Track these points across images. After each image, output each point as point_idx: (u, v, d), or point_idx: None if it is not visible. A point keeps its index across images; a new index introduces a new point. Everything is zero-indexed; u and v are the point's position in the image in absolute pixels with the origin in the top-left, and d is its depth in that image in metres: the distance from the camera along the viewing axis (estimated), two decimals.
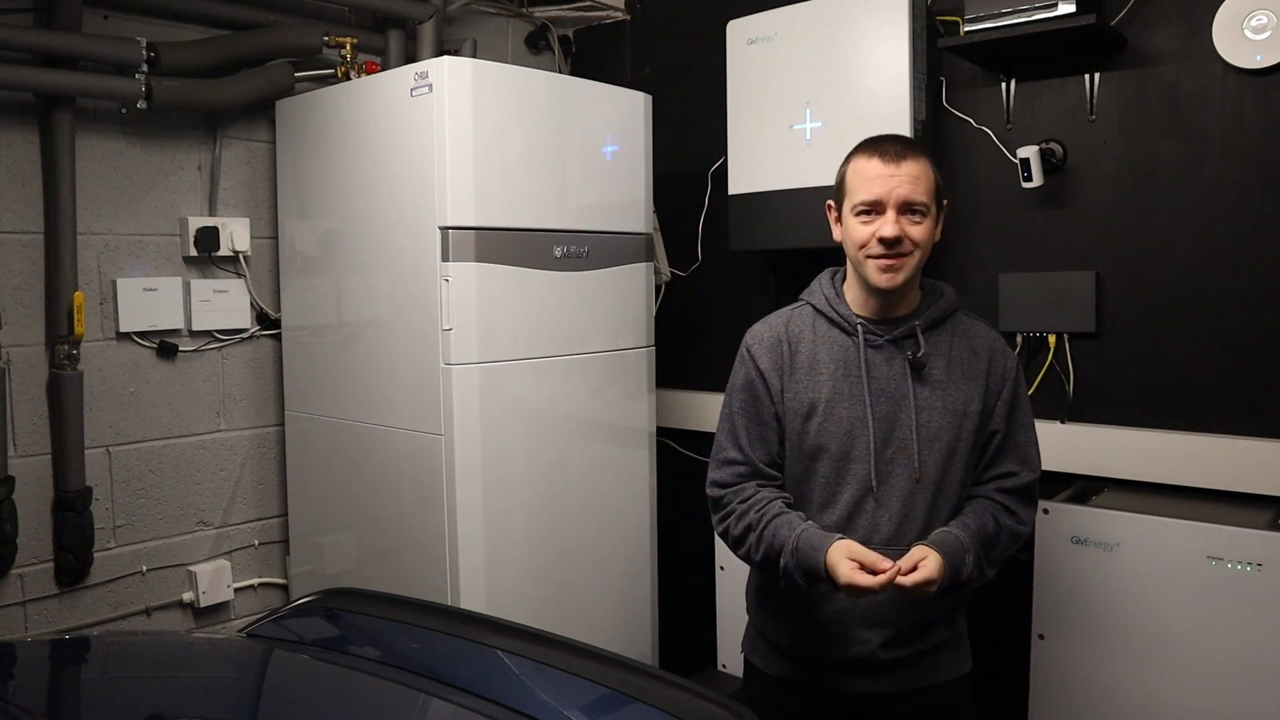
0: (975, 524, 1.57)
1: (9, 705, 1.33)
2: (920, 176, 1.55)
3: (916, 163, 1.55)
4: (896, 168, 1.54)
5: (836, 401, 1.59)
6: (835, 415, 1.59)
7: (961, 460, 1.60)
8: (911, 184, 1.54)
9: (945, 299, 1.65)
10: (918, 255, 1.56)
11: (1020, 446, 1.64)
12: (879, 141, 1.59)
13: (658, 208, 2.73)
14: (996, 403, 1.62)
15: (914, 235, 1.54)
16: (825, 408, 1.59)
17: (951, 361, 1.60)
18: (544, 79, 2.31)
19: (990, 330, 1.67)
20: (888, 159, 1.55)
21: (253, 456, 2.61)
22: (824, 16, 2.39)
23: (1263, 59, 2.00)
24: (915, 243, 1.55)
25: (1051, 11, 2.08)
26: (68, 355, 2.23)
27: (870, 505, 1.58)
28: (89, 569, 2.31)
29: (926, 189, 1.55)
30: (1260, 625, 1.86)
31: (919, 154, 1.57)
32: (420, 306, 2.14)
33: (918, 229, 1.55)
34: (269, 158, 2.58)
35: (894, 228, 1.53)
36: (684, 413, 2.93)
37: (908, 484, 1.57)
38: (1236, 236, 2.08)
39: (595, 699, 1.40)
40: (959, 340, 1.62)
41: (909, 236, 1.54)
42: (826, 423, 1.59)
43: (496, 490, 2.17)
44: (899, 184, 1.53)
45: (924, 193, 1.55)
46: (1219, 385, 2.12)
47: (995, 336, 1.66)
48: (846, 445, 1.59)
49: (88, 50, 2.19)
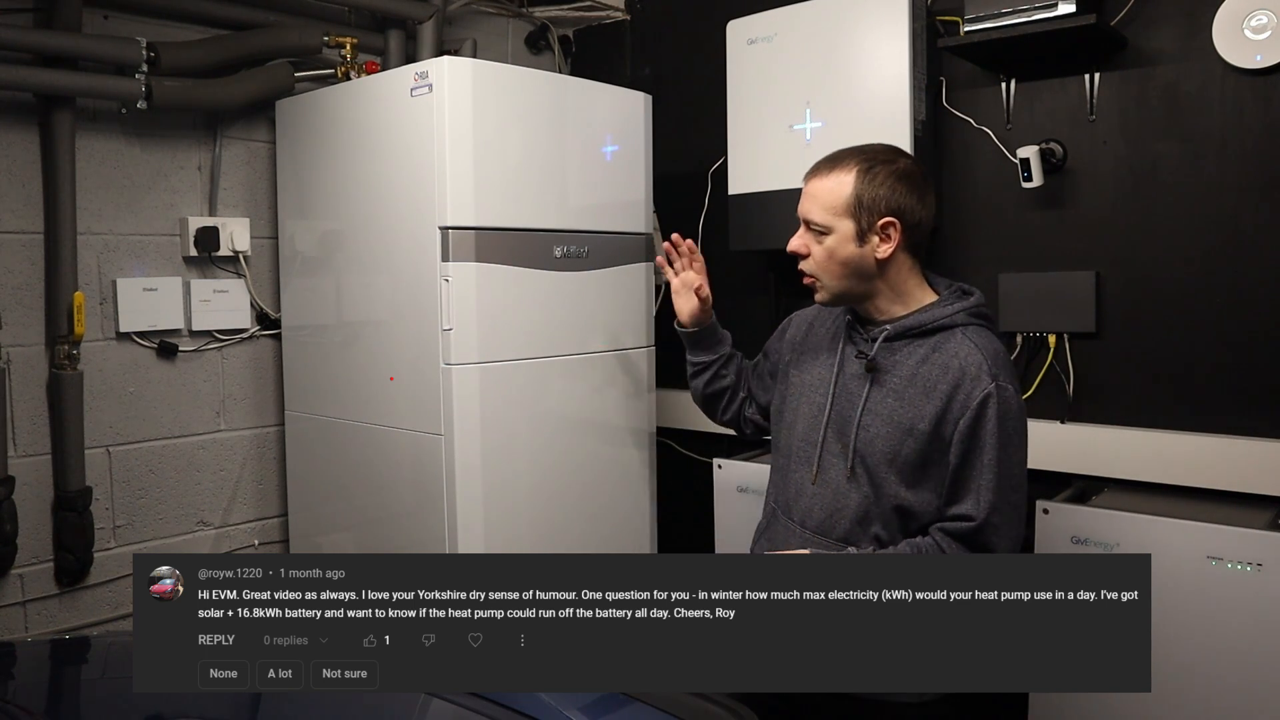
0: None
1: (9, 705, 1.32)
2: (821, 193, 1.57)
3: (827, 178, 1.57)
4: (807, 184, 1.60)
5: (816, 386, 1.67)
6: (812, 399, 1.66)
7: (902, 474, 1.54)
8: (810, 201, 1.59)
9: (944, 309, 1.57)
10: (825, 274, 1.58)
11: (978, 488, 1.50)
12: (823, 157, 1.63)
13: (658, 208, 2.73)
14: (953, 430, 1.50)
15: (815, 253, 1.58)
16: (807, 389, 1.68)
17: (916, 375, 1.54)
18: (544, 79, 2.31)
19: (977, 354, 1.52)
20: (809, 175, 1.61)
21: (253, 456, 2.61)
22: (824, 16, 2.39)
23: (1263, 59, 2.00)
24: (816, 260, 1.58)
25: (1051, 11, 2.08)
26: (68, 355, 2.23)
27: (809, 490, 1.64)
28: (89, 569, 2.31)
29: (826, 205, 1.56)
30: (1260, 625, 1.86)
31: (838, 168, 1.57)
32: (420, 306, 2.14)
33: (818, 247, 1.58)
34: (269, 158, 2.58)
35: (795, 241, 1.60)
36: (684, 413, 2.93)
37: (841, 479, 1.60)
38: (1236, 236, 2.08)
39: (595, 699, 1.40)
40: (937, 356, 1.54)
41: (811, 253, 1.58)
42: (800, 403, 1.68)
43: (496, 490, 2.17)
44: (803, 200, 1.60)
45: (819, 210, 1.57)
46: (1219, 385, 2.12)
47: (978, 362, 1.50)
48: (807, 428, 1.66)
49: (88, 50, 2.19)
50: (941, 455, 1.52)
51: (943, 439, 1.52)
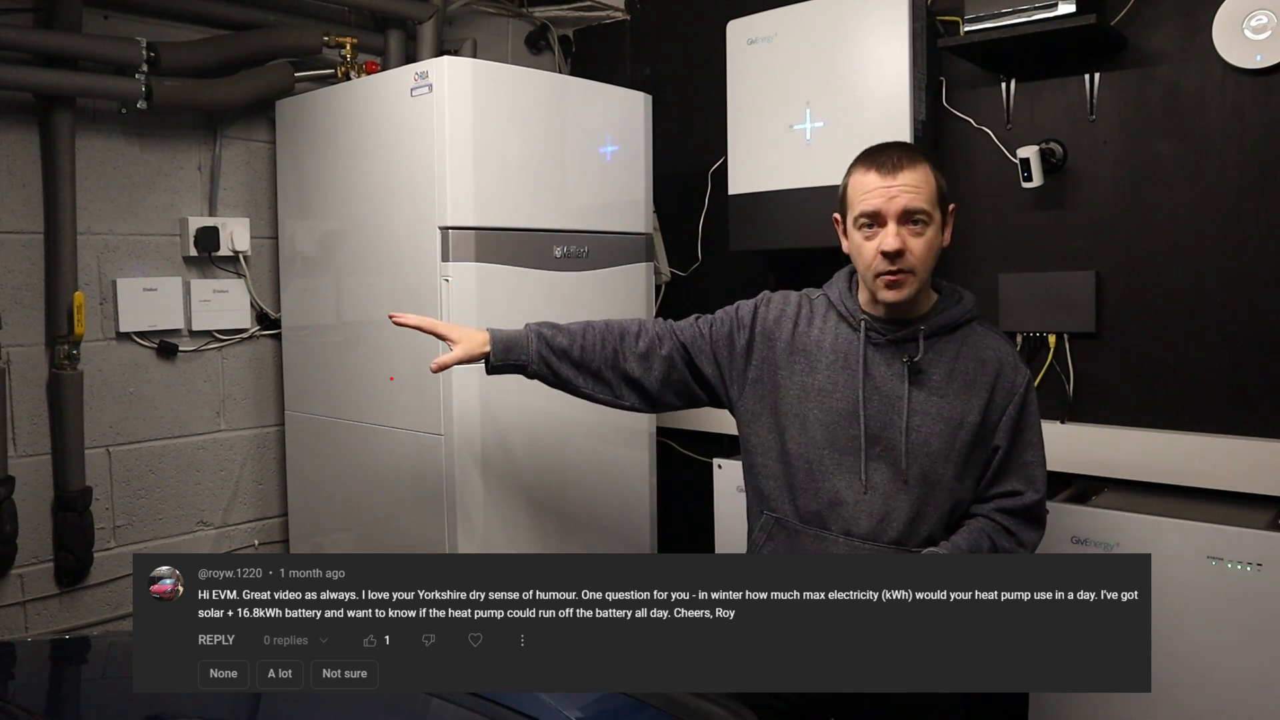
0: (966, 545, 1.56)
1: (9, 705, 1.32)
2: (920, 184, 1.53)
3: (915, 170, 1.53)
4: (894, 178, 1.52)
5: (830, 391, 1.60)
6: (828, 405, 1.60)
7: (953, 468, 1.57)
8: (911, 193, 1.52)
9: (960, 306, 1.62)
10: (923, 267, 1.55)
11: (1025, 466, 1.61)
12: (877, 152, 1.58)
13: (658, 208, 2.73)
14: (1000, 417, 1.59)
15: (915, 246, 1.53)
16: (819, 394, 1.61)
17: (954, 370, 1.58)
18: (544, 79, 2.31)
19: (1004, 343, 1.63)
20: (884, 170, 1.53)
21: (253, 456, 2.61)
22: (824, 16, 2.39)
23: (1263, 59, 2.00)
24: (918, 254, 1.53)
25: (1051, 11, 2.08)
26: (68, 355, 2.23)
27: (851, 499, 1.58)
28: (89, 569, 2.31)
29: (927, 196, 1.53)
30: (1260, 625, 1.86)
31: (917, 161, 1.54)
32: (420, 307, 2.13)
33: (920, 239, 1.53)
34: (269, 158, 2.58)
35: (895, 240, 1.51)
36: (684, 413, 2.93)
37: (892, 484, 1.57)
38: (1236, 236, 2.08)
39: (595, 699, 1.40)
40: (966, 350, 1.59)
41: (910, 249, 1.53)
42: (812, 409, 1.61)
43: (496, 490, 2.17)
44: (897, 194, 1.52)
45: (925, 200, 1.53)
46: (1219, 385, 2.12)
47: (1009, 351, 1.63)
48: (834, 435, 1.59)
49: (88, 50, 2.19)
50: (987, 442, 1.60)
51: (989, 427, 1.59)
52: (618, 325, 1.75)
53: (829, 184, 1.70)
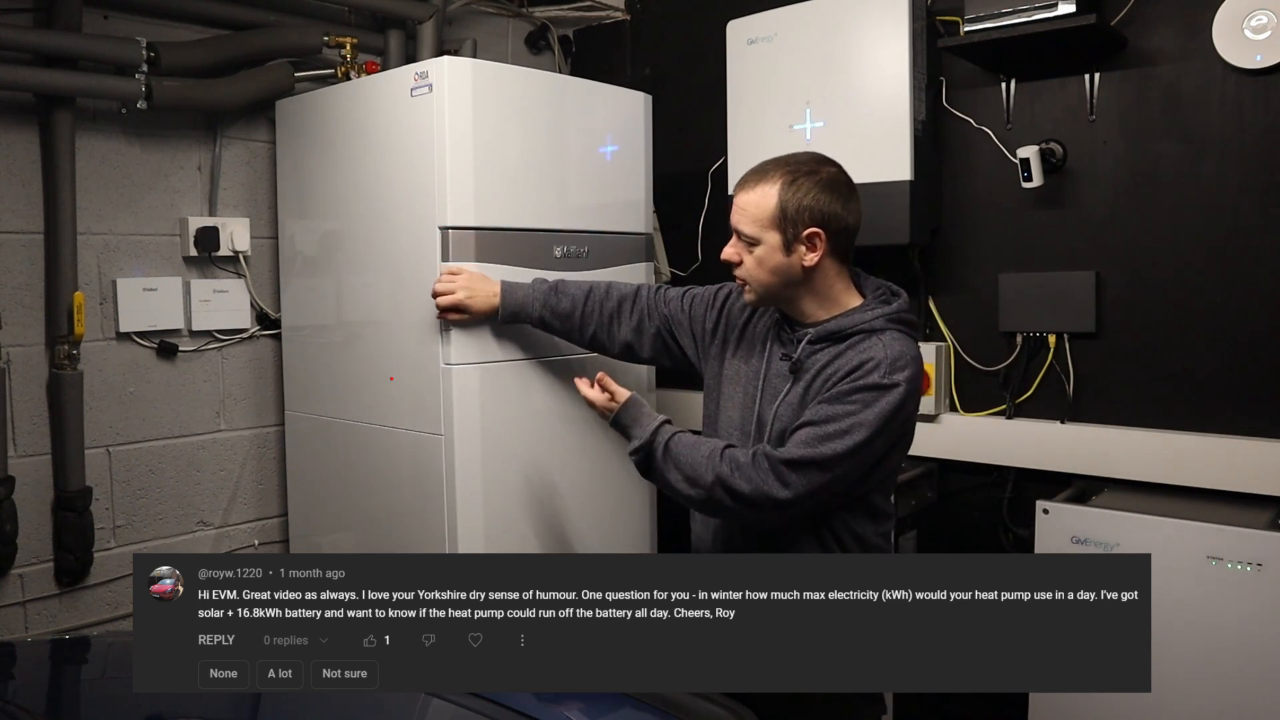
0: (686, 442, 1.64)
1: (9, 705, 1.32)
2: (748, 206, 1.63)
3: (753, 191, 1.62)
4: (737, 197, 1.65)
5: (751, 379, 1.73)
6: (746, 390, 1.73)
7: None
8: (739, 213, 1.63)
9: (864, 314, 1.61)
10: (756, 281, 1.64)
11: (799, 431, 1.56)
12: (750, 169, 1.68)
13: (658, 208, 2.73)
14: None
15: (747, 262, 1.63)
16: (741, 379, 1.74)
17: (823, 369, 1.60)
18: (544, 79, 2.31)
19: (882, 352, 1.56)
20: (736, 188, 1.66)
21: (253, 456, 2.61)
22: (824, 16, 2.39)
23: (1263, 59, 2.00)
24: (748, 268, 1.63)
25: (1051, 11, 2.08)
26: (68, 355, 2.23)
27: None
28: (89, 569, 2.31)
29: (753, 218, 1.61)
30: (1260, 625, 1.86)
31: (763, 182, 1.62)
32: (420, 306, 2.14)
33: (749, 256, 1.63)
34: (269, 158, 2.58)
35: (728, 250, 1.66)
36: (684, 413, 2.93)
37: None
38: (1236, 236, 2.08)
39: (595, 699, 1.40)
40: (851, 353, 1.58)
41: (744, 263, 1.64)
42: (734, 392, 1.75)
43: (496, 490, 2.17)
44: (734, 212, 1.65)
45: (749, 222, 1.62)
46: (1219, 385, 2.12)
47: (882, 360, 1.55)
48: (744, 418, 1.71)
49: (88, 50, 2.19)
50: None
51: None
52: (616, 293, 1.99)
53: None
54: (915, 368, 1.59)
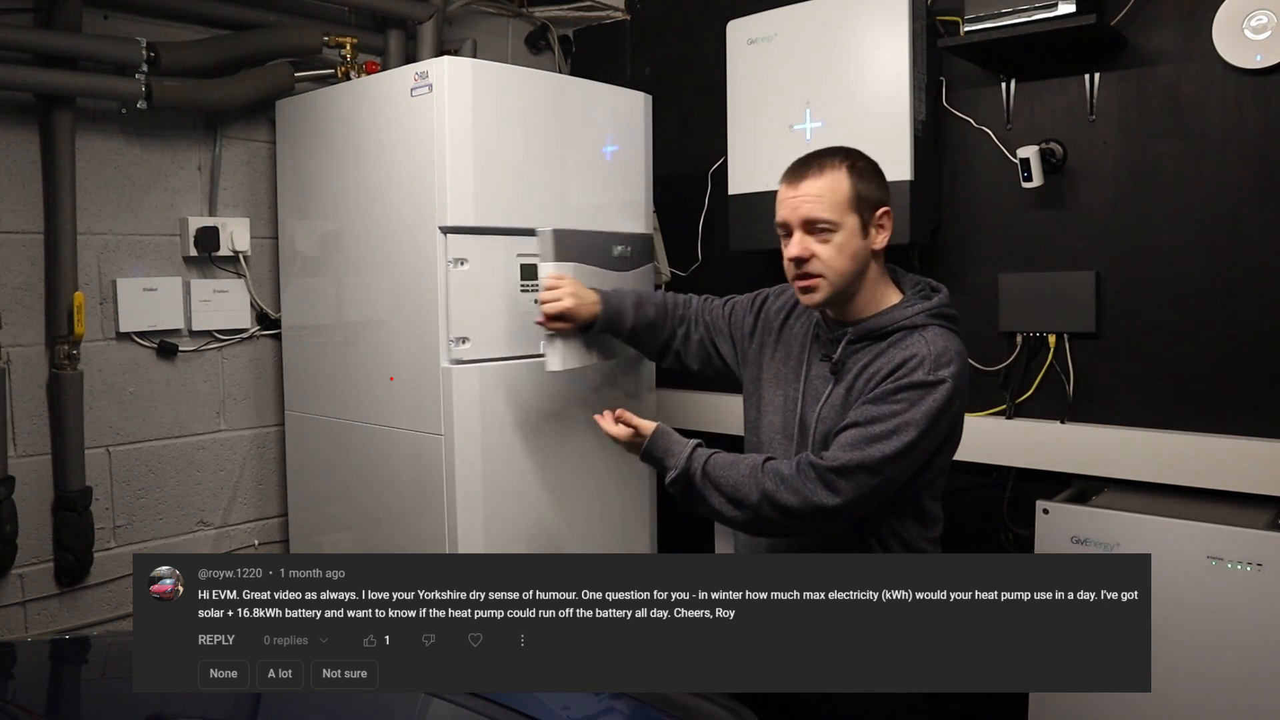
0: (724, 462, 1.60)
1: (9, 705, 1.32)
2: (821, 193, 1.58)
3: (819, 179, 1.58)
4: (796, 190, 1.60)
5: (790, 380, 1.71)
6: (786, 392, 1.71)
7: None
8: (812, 202, 1.58)
9: (904, 310, 1.60)
10: (832, 272, 1.59)
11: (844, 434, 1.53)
12: (794, 163, 1.65)
13: (658, 208, 2.73)
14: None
15: (823, 252, 1.58)
16: (781, 381, 1.73)
17: (865, 369, 1.59)
18: (544, 79, 2.31)
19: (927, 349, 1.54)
20: (791, 181, 1.62)
21: (253, 456, 2.61)
22: (824, 16, 2.39)
23: (1263, 59, 2.00)
24: (825, 259, 1.58)
25: (1051, 11, 2.08)
26: (68, 355, 2.23)
27: None
28: (89, 569, 2.31)
29: (830, 204, 1.57)
30: (1260, 625, 1.86)
31: (826, 169, 1.59)
32: (420, 306, 2.14)
33: (826, 246, 1.58)
34: (269, 158, 2.58)
35: (796, 247, 1.59)
36: (684, 413, 2.93)
37: None
38: (1236, 236, 2.08)
39: (595, 699, 1.40)
40: (893, 351, 1.57)
41: (816, 254, 1.58)
42: (775, 395, 1.73)
43: (496, 490, 2.17)
44: (798, 204, 1.59)
45: (825, 209, 1.57)
46: (1219, 385, 2.12)
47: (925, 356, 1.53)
48: (786, 421, 1.70)
49: (88, 50, 2.19)
50: None
51: None
52: (680, 304, 1.99)
53: None
54: (960, 363, 1.55)
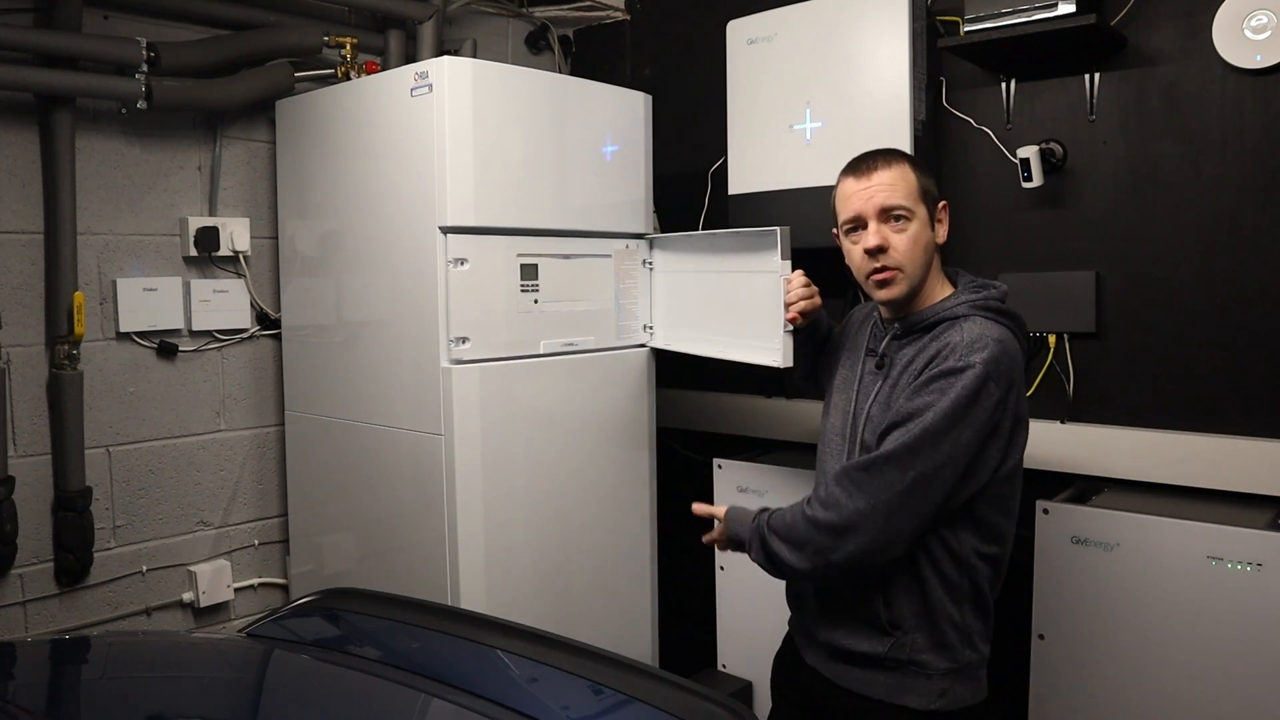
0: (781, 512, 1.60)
1: (9, 705, 1.32)
2: (895, 182, 1.58)
3: (890, 169, 1.59)
4: (869, 180, 1.59)
5: (851, 382, 1.72)
6: (846, 394, 1.72)
7: None
8: (887, 190, 1.58)
9: (948, 303, 1.60)
10: (910, 262, 1.58)
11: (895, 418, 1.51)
12: (856, 160, 1.65)
13: (658, 208, 2.73)
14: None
15: (899, 243, 1.57)
16: (842, 384, 1.74)
17: (911, 363, 1.58)
18: (544, 79, 2.31)
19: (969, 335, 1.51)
20: (860, 174, 1.61)
21: (253, 456, 2.61)
22: (824, 16, 2.39)
23: (1263, 59, 2.00)
24: (902, 250, 1.57)
25: (1051, 11, 2.08)
26: (68, 355, 2.23)
27: None
28: (89, 569, 2.31)
29: (905, 192, 1.58)
30: (1260, 625, 1.86)
31: (892, 162, 1.60)
32: (420, 306, 2.14)
33: (902, 235, 1.58)
34: (269, 158, 2.58)
35: (874, 236, 1.58)
36: (684, 413, 2.93)
37: None
38: (1236, 236, 2.08)
39: (595, 699, 1.40)
40: (934, 344, 1.56)
41: (893, 245, 1.57)
42: (836, 397, 1.74)
43: (496, 490, 2.17)
44: (873, 194, 1.59)
45: (902, 196, 1.58)
46: (1219, 385, 2.12)
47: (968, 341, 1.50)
48: (843, 423, 1.69)
49: (88, 50, 2.19)
50: None
51: None
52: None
53: (829, 184, 1.71)
54: (996, 350, 1.48)
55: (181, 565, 2.48)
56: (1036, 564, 2.14)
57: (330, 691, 1.49)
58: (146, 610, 2.43)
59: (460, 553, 2.12)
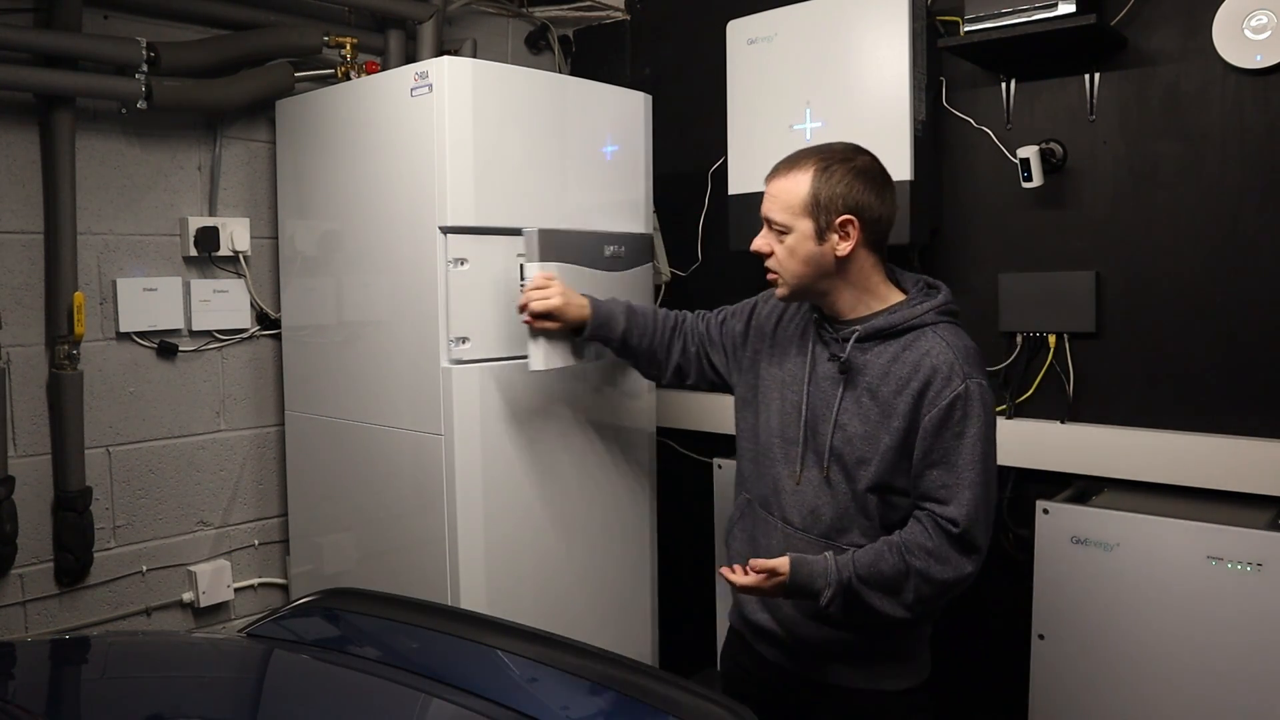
0: (867, 560, 1.55)
1: (9, 705, 1.32)
2: (779, 194, 1.60)
3: (784, 179, 1.61)
4: (768, 186, 1.63)
5: (789, 383, 1.69)
6: (785, 395, 1.69)
7: (875, 472, 1.58)
8: (770, 200, 1.62)
9: (910, 310, 1.60)
10: (787, 271, 1.62)
11: (959, 489, 1.53)
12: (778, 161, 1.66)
13: (658, 208, 2.73)
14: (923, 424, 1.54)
15: (778, 251, 1.62)
16: (780, 385, 1.70)
17: (889, 374, 1.58)
18: (544, 79, 2.31)
19: (949, 352, 1.55)
20: (768, 178, 1.64)
21: (253, 456, 2.61)
22: (824, 16, 2.38)
23: (1263, 59, 2.00)
24: (779, 258, 1.61)
25: (1051, 11, 2.08)
26: (68, 355, 2.23)
27: (787, 488, 1.67)
28: (89, 569, 2.31)
29: (784, 205, 1.59)
30: (1260, 625, 1.86)
31: (794, 169, 1.60)
32: (420, 306, 2.14)
33: (780, 246, 1.61)
34: (269, 158, 2.58)
35: (759, 241, 1.64)
36: (684, 413, 2.93)
37: (819, 480, 1.63)
38: (1236, 236, 2.08)
39: (595, 699, 1.40)
40: (908, 354, 1.57)
41: (775, 251, 1.62)
42: (773, 399, 1.71)
43: (496, 490, 2.17)
44: (766, 200, 1.63)
45: (779, 209, 1.60)
46: (1219, 385, 2.12)
47: (950, 361, 1.54)
48: (785, 425, 1.68)
49: (88, 50, 2.19)
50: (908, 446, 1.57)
51: (913, 431, 1.56)
52: (673, 317, 1.98)
53: None
54: (976, 357, 1.59)
55: (181, 565, 2.48)
56: (1036, 564, 2.14)
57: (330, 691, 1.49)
58: (146, 610, 2.43)
59: (460, 553, 2.12)
